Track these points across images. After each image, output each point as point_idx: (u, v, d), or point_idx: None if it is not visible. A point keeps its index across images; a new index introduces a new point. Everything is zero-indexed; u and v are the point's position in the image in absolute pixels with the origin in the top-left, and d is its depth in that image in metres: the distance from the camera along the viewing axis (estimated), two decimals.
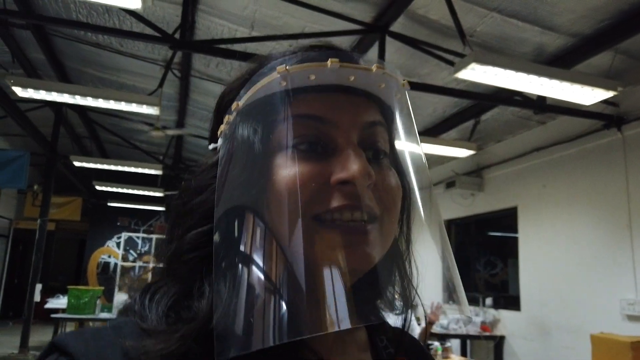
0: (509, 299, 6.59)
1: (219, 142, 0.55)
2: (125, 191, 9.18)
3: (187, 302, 0.48)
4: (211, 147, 0.57)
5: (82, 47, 5.57)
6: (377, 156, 0.52)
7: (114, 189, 9.13)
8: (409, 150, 0.54)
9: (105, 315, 6.71)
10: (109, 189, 9.24)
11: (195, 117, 7.28)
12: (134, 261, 10.53)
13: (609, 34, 3.91)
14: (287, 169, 0.47)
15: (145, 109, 4.66)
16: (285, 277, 0.44)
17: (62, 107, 7.21)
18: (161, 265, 0.54)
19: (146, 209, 11.33)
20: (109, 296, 8.24)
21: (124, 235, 10.27)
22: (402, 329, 0.60)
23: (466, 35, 3.71)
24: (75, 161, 7.25)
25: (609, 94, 3.72)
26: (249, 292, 0.43)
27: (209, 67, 5.55)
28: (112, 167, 7.30)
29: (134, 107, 4.64)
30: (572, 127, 5.37)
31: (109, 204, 10.90)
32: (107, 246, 11.69)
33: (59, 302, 7.81)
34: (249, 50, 4.52)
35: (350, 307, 0.41)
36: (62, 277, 12.50)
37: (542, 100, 4.60)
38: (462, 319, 6.31)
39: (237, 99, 0.52)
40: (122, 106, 4.62)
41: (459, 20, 3.65)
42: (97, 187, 9.29)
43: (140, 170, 7.37)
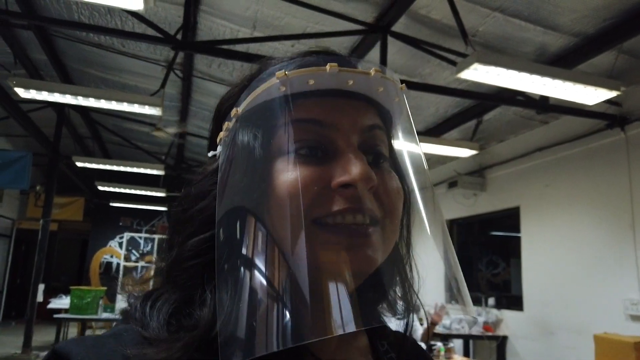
0: (511, 298, 6.58)
1: (219, 149, 0.55)
2: (127, 191, 9.21)
3: (188, 310, 0.48)
4: (210, 154, 0.57)
5: (84, 47, 5.58)
6: (377, 160, 0.52)
7: (116, 189, 9.15)
8: (408, 153, 0.54)
9: (107, 315, 6.72)
10: (111, 189, 9.27)
11: (197, 118, 7.28)
12: (136, 261, 10.55)
13: (611, 33, 3.89)
14: (288, 174, 0.47)
15: (147, 110, 4.67)
16: (289, 282, 0.43)
17: (65, 108, 7.24)
18: (162, 265, 0.54)
19: (148, 209, 11.36)
20: (111, 296, 8.24)
21: (126, 235, 10.28)
22: (403, 333, 0.60)
23: (468, 35, 3.70)
24: (77, 162, 7.28)
25: (612, 94, 3.71)
26: (253, 298, 0.43)
27: (211, 68, 5.56)
28: (114, 168, 7.32)
29: (136, 108, 4.66)
30: (575, 127, 5.36)
31: (111, 204, 10.93)
32: (110, 246, 11.71)
33: (62, 302, 7.82)
34: (251, 50, 4.52)
35: (355, 310, 0.41)
36: (64, 277, 12.52)
37: (544, 100, 4.59)
38: (467, 320, 6.31)
39: (236, 106, 0.52)
40: (124, 107, 4.64)
41: (461, 20, 3.65)
42: (100, 188, 9.32)
43: (142, 170, 7.40)
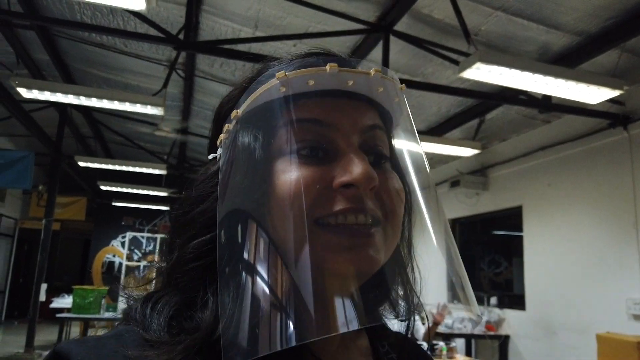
0: (513, 298, 6.57)
1: (219, 151, 0.55)
2: (129, 191, 9.24)
3: (189, 312, 0.48)
4: (211, 156, 0.57)
5: (87, 47, 5.59)
6: (378, 160, 0.52)
7: (119, 189, 9.18)
8: (409, 153, 0.54)
9: (110, 314, 6.73)
10: (114, 189, 9.30)
11: (199, 117, 7.29)
12: (138, 260, 10.56)
13: (614, 32, 3.88)
14: (289, 174, 0.47)
15: (149, 109, 4.68)
16: (291, 282, 0.43)
17: (67, 108, 7.25)
18: (163, 264, 0.54)
19: (150, 209, 11.40)
20: (113, 296, 8.25)
21: (129, 234, 10.29)
22: (404, 334, 0.60)
23: (471, 34, 3.70)
24: (79, 161, 7.29)
25: (614, 93, 3.70)
26: (256, 299, 0.43)
27: (213, 67, 5.56)
28: (117, 167, 7.34)
29: (138, 108, 4.66)
30: (578, 126, 5.34)
31: (114, 204, 10.97)
32: (112, 246, 11.73)
33: (64, 302, 7.83)
34: (253, 50, 4.52)
35: (357, 309, 0.41)
36: (67, 276, 12.56)
37: (547, 99, 4.58)
38: (471, 319, 6.30)
39: (236, 107, 0.52)
40: (126, 106, 4.64)
41: (464, 19, 3.64)
42: (102, 187, 9.35)
43: (144, 170, 7.42)
